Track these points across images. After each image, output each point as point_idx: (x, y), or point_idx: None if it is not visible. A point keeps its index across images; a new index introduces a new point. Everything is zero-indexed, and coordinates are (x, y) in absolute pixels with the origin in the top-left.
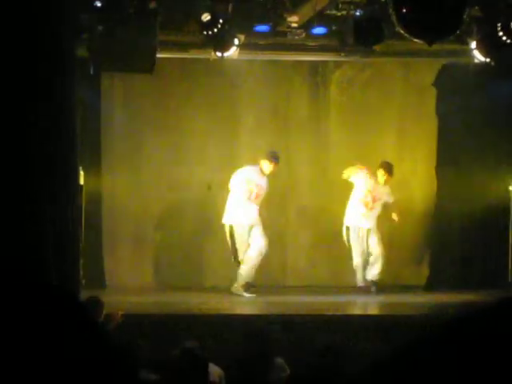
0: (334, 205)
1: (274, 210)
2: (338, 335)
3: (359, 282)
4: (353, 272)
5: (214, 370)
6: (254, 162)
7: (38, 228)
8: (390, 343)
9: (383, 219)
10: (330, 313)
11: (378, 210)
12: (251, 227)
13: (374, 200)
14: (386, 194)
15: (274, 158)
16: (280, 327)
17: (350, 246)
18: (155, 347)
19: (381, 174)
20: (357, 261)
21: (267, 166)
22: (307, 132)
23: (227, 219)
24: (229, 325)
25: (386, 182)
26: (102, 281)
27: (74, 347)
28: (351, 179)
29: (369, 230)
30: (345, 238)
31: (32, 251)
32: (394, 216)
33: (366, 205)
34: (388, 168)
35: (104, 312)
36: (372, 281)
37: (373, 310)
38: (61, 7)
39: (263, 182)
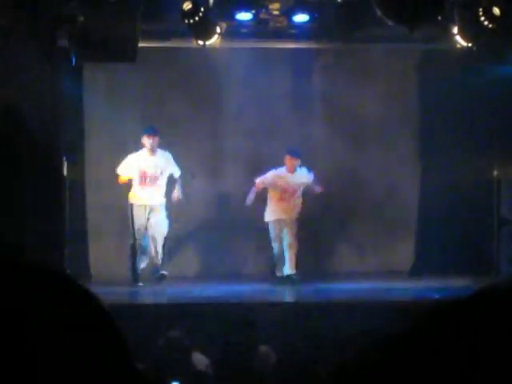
0: None
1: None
2: (323, 322)
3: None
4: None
5: (200, 359)
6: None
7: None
8: (375, 329)
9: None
10: (316, 300)
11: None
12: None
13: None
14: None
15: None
16: (266, 315)
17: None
18: (140, 337)
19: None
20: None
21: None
22: (290, 120)
23: None
24: (214, 313)
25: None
26: (88, 271)
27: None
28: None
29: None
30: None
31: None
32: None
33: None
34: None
35: None
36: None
37: (358, 296)
38: None
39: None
